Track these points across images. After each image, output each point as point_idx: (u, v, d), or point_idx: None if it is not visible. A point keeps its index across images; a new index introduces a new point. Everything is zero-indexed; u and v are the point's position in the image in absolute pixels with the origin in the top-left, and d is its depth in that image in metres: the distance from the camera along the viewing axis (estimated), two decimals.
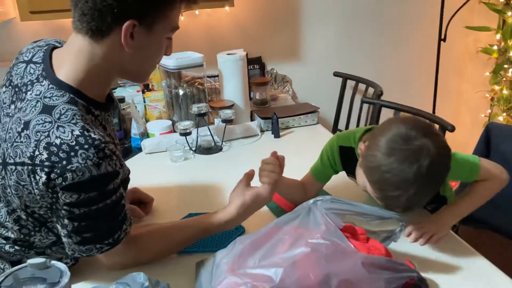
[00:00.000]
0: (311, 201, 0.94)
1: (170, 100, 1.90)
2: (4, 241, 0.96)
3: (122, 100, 1.94)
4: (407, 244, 1.07)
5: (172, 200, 1.39)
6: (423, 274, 0.95)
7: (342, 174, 1.27)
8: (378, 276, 0.79)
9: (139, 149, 1.77)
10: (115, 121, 1.82)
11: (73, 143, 0.83)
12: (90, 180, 0.84)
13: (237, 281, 0.80)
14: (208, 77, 2.14)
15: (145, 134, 1.82)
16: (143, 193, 1.30)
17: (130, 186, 1.32)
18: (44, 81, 0.90)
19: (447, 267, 1.00)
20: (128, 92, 2.03)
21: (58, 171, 0.82)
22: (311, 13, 2.44)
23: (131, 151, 1.79)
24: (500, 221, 1.53)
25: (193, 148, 1.73)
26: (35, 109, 0.87)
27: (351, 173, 1.22)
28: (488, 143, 1.59)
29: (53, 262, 0.69)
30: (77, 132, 0.84)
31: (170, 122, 1.84)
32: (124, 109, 1.90)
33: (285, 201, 1.29)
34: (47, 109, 0.86)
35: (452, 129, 1.55)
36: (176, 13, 0.94)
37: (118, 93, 2.03)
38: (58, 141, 0.83)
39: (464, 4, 2.38)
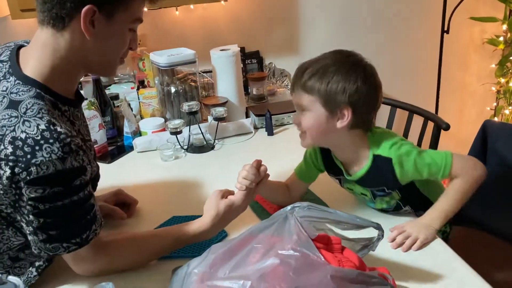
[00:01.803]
0: (289, 207, 0.92)
1: (163, 97, 1.89)
2: None
3: (116, 97, 1.92)
4: (388, 251, 1.04)
5: (158, 201, 1.38)
6: (402, 283, 0.93)
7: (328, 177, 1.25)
8: None
9: (132, 148, 1.76)
10: (108, 119, 1.81)
11: (38, 137, 0.83)
12: (55, 174, 0.83)
13: None
14: (205, 72, 2.12)
15: (137, 133, 1.81)
16: (126, 195, 1.29)
17: (119, 186, 1.33)
18: (11, 77, 0.91)
19: (428, 275, 0.97)
20: (122, 89, 2.02)
21: (22, 165, 0.81)
22: (309, 5, 2.39)
23: (123, 149, 1.77)
24: (492, 221, 1.50)
25: (185, 147, 1.71)
26: (1, 105, 0.87)
27: (333, 173, 1.21)
28: (485, 141, 1.54)
29: (9, 277, 0.69)
30: (42, 126, 0.84)
31: (162, 120, 1.82)
32: (117, 106, 1.89)
33: (272, 204, 1.27)
34: (13, 104, 0.86)
35: (447, 127, 1.51)
36: (138, 5, 0.95)
37: (112, 89, 2.02)
38: (23, 135, 0.83)
39: None
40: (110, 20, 0.91)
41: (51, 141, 0.83)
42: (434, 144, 1.63)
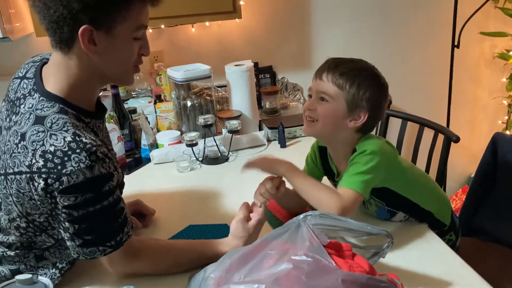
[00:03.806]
0: (301, 216, 0.95)
1: (179, 111, 1.95)
2: (6, 248, 1.02)
3: (133, 111, 1.99)
4: (397, 259, 1.07)
5: (174, 210, 1.43)
6: None
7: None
8: None
9: (149, 160, 1.81)
10: (126, 132, 1.87)
11: (66, 149, 0.88)
12: (85, 182, 0.88)
13: None
14: (219, 86, 2.18)
15: (154, 145, 1.87)
16: (144, 206, 1.34)
17: (137, 197, 1.38)
18: (35, 94, 0.97)
19: (437, 283, 0.99)
20: (140, 103, 2.09)
21: (54, 176, 0.87)
22: (320, 21, 2.45)
23: (141, 161, 1.83)
24: (503, 232, 1.51)
25: (200, 159, 1.76)
26: (29, 121, 0.93)
27: (330, 177, 1.27)
28: (495, 153, 1.56)
29: (39, 278, 0.73)
30: (69, 138, 0.89)
31: (178, 133, 1.88)
32: (135, 120, 1.95)
33: (283, 211, 1.32)
34: (39, 120, 0.92)
35: (457, 139, 1.54)
36: (137, 12, 0.94)
37: (130, 104, 2.09)
38: (52, 148, 0.88)
39: (478, 10, 2.35)
40: (111, 35, 0.92)
41: (78, 151, 0.88)
42: (444, 156, 1.65)
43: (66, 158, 0.87)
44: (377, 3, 2.48)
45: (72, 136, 0.90)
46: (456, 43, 2.44)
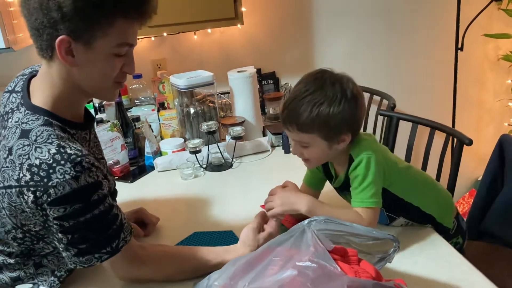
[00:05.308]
0: (306, 221, 0.94)
1: (183, 118, 1.94)
2: (7, 256, 1.02)
3: (137, 119, 1.99)
4: (404, 264, 1.06)
5: (179, 218, 1.42)
6: None
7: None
8: None
9: (152, 167, 1.81)
10: (129, 140, 1.87)
11: (51, 161, 0.88)
12: (72, 193, 0.88)
13: None
14: (222, 93, 2.17)
15: (158, 152, 1.86)
16: (146, 214, 1.33)
17: (140, 204, 1.37)
18: (22, 108, 0.97)
19: (445, 287, 0.97)
20: (143, 111, 2.08)
21: (42, 189, 0.87)
22: (323, 25, 2.45)
23: (144, 169, 1.83)
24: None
25: (204, 166, 1.76)
26: (15, 135, 0.93)
27: (328, 176, 1.25)
28: (502, 156, 1.55)
29: None
30: (53, 150, 0.89)
31: (182, 140, 1.88)
32: (138, 128, 1.95)
33: (288, 217, 1.30)
34: (24, 133, 0.92)
35: (470, 143, 1.51)
36: (120, 30, 0.92)
37: (133, 112, 2.08)
38: (37, 162, 0.88)
39: (481, 11, 2.34)
40: (90, 48, 0.91)
41: (62, 162, 0.88)
42: (457, 160, 1.62)
43: (51, 171, 0.87)
44: (380, 7, 2.48)
45: (57, 148, 0.90)
46: (460, 46, 2.43)
